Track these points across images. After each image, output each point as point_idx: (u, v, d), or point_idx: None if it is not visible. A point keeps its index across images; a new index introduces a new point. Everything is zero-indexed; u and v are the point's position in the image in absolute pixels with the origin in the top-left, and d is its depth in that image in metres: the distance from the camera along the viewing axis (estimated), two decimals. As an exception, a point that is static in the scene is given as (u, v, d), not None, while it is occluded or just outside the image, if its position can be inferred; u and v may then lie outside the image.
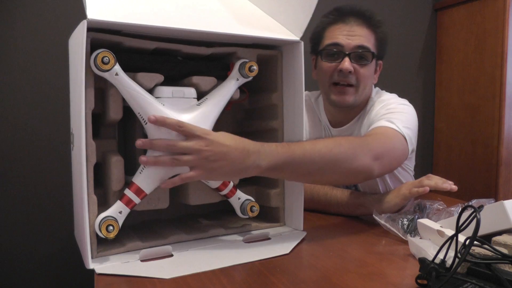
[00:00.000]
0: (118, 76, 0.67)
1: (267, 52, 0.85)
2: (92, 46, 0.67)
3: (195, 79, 0.77)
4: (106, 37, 0.69)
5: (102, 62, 0.65)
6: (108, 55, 0.66)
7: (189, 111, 0.73)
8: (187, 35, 0.75)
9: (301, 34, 0.81)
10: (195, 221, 0.87)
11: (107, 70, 0.66)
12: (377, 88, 1.21)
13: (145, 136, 0.75)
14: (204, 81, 0.77)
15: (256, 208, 0.83)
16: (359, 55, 1.07)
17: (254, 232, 0.83)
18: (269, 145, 0.73)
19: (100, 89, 0.72)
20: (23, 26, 1.33)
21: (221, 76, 0.81)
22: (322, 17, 1.14)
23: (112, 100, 0.71)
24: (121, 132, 0.82)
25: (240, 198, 0.82)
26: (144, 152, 0.73)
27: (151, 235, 0.76)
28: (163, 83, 0.74)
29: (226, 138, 0.70)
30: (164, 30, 0.71)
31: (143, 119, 0.70)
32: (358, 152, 0.81)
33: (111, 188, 0.72)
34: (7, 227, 1.35)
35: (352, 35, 1.06)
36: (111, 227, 0.67)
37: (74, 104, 0.71)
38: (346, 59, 1.06)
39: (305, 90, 1.28)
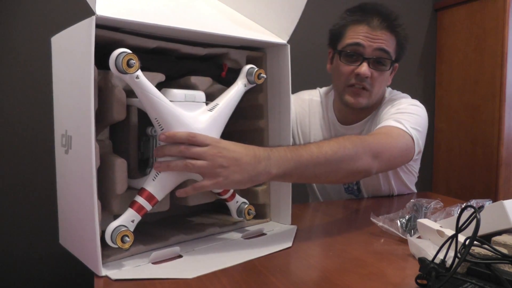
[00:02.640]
0: (139, 79, 0.64)
1: (254, 53, 0.87)
2: None
3: (193, 79, 0.77)
4: (108, 34, 0.67)
5: (128, 65, 0.62)
6: (134, 58, 0.62)
7: (203, 117, 0.72)
8: (187, 35, 0.74)
9: (287, 38, 0.83)
10: (186, 221, 0.87)
11: (130, 73, 0.63)
12: (389, 88, 1.21)
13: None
14: (201, 81, 0.78)
15: (253, 211, 0.83)
16: (378, 60, 1.07)
17: (249, 229, 0.84)
18: (278, 150, 0.73)
19: (98, 87, 0.70)
20: (4, 26, 1.33)
21: (216, 77, 0.82)
22: (346, 12, 1.12)
23: (116, 100, 0.68)
24: (111, 132, 0.79)
25: (238, 201, 0.82)
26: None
27: (151, 238, 0.75)
28: (161, 83, 0.74)
29: (236, 145, 0.71)
30: (169, 29, 0.70)
31: (160, 125, 0.68)
32: (359, 153, 0.82)
33: (114, 192, 0.68)
34: (6, 228, 1.35)
35: (374, 38, 1.05)
36: (127, 238, 0.64)
37: (72, 104, 0.68)
38: (364, 64, 1.05)
39: (303, 87, 1.31)
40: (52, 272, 1.42)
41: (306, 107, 1.26)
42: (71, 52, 0.69)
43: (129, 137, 0.75)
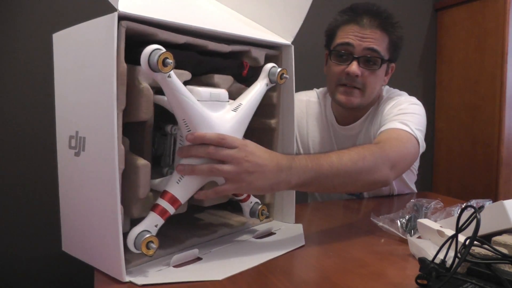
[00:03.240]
0: (171, 78, 0.61)
1: (273, 51, 0.87)
2: None
3: (217, 77, 0.75)
4: (139, 27, 0.63)
5: (163, 64, 0.58)
6: (170, 57, 0.58)
7: (227, 117, 0.70)
8: (206, 34, 0.74)
9: (291, 39, 0.84)
10: (194, 220, 0.87)
11: (163, 72, 0.59)
12: (387, 86, 1.20)
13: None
14: (223, 79, 0.76)
15: (266, 211, 0.81)
16: (368, 59, 1.06)
17: (257, 228, 0.84)
18: (299, 159, 0.73)
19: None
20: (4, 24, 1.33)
21: (236, 75, 0.81)
22: (337, 14, 1.13)
23: (144, 99, 0.64)
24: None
25: (251, 201, 0.81)
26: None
27: (166, 241, 0.73)
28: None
29: (261, 151, 0.70)
30: (189, 28, 0.69)
31: (187, 125, 0.65)
32: (379, 164, 0.83)
33: (136, 196, 0.65)
34: (4, 229, 1.35)
35: (364, 37, 1.05)
36: (152, 244, 0.61)
37: (87, 104, 0.65)
38: (354, 63, 1.05)
39: (305, 88, 1.31)
40: (51, 275, 1.42)
41: (304, 108, 1.26)
42: (86, 49, 0.65)
43: (144, 136, 0.72)
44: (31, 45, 1.34)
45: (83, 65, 0.66)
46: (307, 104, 1.26)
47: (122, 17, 0.59)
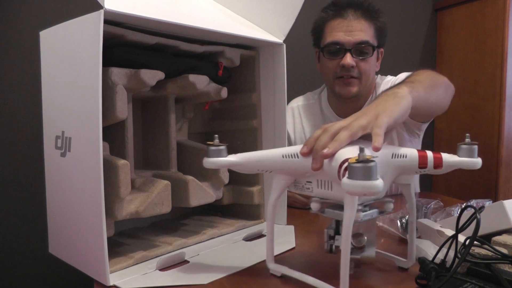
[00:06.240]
0: None
1: (247, 52, 0.87)
2: None
3: (192, 77, 0.76)
4: (108, 28, 0.63)
5: None
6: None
7: None
8: (191, 32, 0.73)
9: (283, 37, 0.84)
10: (181, 225, 0.86)
11: None
12: (379, 75, 1.24)
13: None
14: (199, 79, 0.77)
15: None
16: (360, 49, 1.10)
17: (248, 230, 0.83)
18: (399, 87, 0.68)
19: None
20: None
21: (212, 75, 0.81)
22: (321, 11, 1.16)
23: (118, 98, 0.65)
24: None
25: None
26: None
27: (152, 244, 0.73)
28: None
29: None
30: (175, 26, 0.68)
31: None
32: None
33: (117, 195, 0.64)
34: (6, 228, 1.35)
35: (351, 30, 1.08)
36: None
37: (72, 104, 0.63)
38: (348, 55, 1.08)
39: (300, 88, 1.32)
40: (51, 275, 1.42)
41: (297, 114, 1.29)
42: (71, 48, 0.64)
43: (125, 137, 0.72)
44: (18, 43, 1.32)
45: (69, 63, 0.64)
46: (299, 109, 1.29)
47: (108, 15, 0.58)
